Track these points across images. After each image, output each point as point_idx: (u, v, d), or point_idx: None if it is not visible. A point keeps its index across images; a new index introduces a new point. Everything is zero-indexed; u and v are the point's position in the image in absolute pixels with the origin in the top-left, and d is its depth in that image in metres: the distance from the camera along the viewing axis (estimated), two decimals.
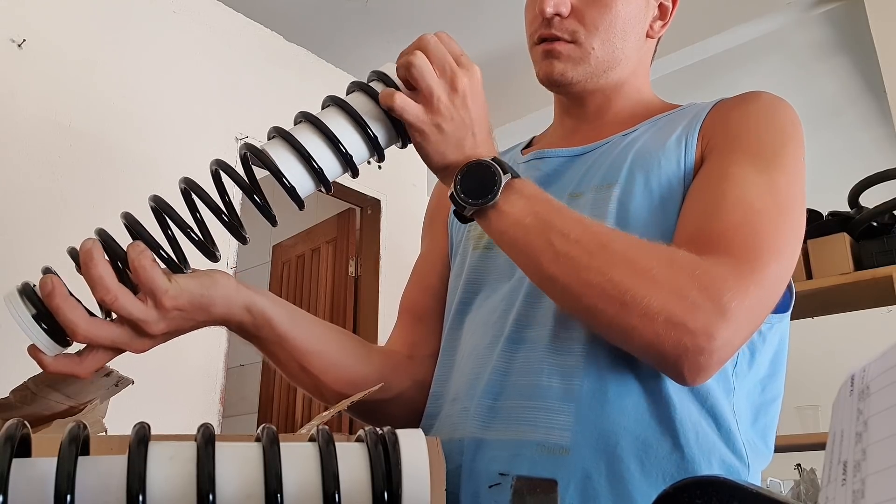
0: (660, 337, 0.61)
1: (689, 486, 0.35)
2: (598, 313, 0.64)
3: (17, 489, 0.32)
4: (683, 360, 0.62)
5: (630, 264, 0.63)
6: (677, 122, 0.81)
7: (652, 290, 0.61)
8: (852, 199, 2.23)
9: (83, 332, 0.59)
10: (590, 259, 0.63)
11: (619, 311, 0.62)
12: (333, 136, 0.63)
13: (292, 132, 0.64)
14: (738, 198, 0.68)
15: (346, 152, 0.64)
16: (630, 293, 0.62)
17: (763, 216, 0.67)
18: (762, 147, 0.73)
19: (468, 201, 0.66)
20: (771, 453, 0.76)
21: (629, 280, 0.62)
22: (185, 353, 2.56)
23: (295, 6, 3.08)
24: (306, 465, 0.36)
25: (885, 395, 0.25)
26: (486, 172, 0.66)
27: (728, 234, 0.66)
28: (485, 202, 0.66)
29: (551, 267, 0.65)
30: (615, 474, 0.67)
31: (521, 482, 0.40)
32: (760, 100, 0.78)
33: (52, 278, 0.59)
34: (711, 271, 0.63)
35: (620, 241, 0.65)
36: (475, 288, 0.84)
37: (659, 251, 0.65)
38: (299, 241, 3.87)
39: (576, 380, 0.70)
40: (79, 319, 0.59)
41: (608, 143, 0.84)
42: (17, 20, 2.37)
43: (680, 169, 0.76)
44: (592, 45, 0.82)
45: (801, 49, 3.48)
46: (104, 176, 2.47)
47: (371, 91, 0.66)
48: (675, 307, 0.61)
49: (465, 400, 0.77)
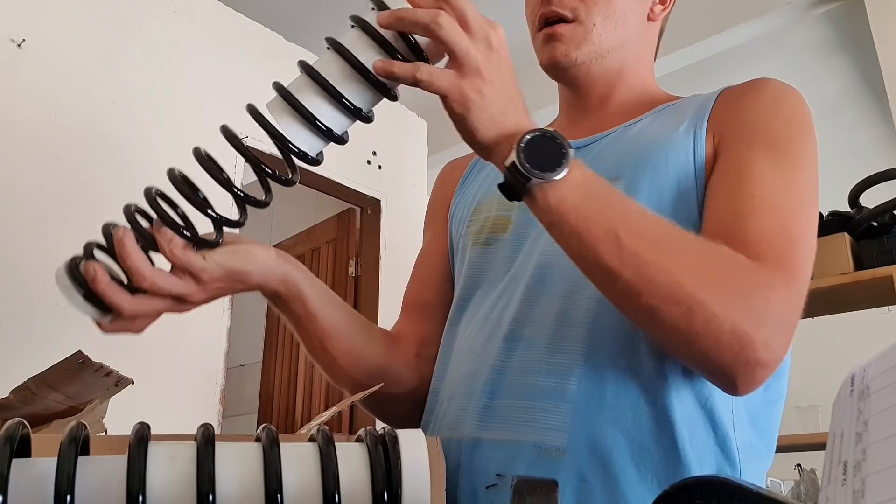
0: (721, 346, 0.60)
1: (689, 487, 0.35)
2: (659, 314, 0.61)
3: (17, 489, 0.32)
4: (741, 371, 0.61)
5: (697, 266, 0.60)
6: (683, 113, 0.80)
7: (718, 297, 0.60)
8: (852, 199, 2.23)
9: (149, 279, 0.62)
10: (656, 256, 0.60)
11: (684, 315, 0.60)
12: (338, 94, 0.59)
13: (296, 93, 0.60)
14: (765, 197, 0.67)
15: (353, 107, 0.60)
16: (696, 298, 0.59)
17: (791, 217, 0.67)
18: (777, 140, 0.72)
19: (534, 173, 0.59)
20: (772, 454, 0.75)
21: (696, 284, 0.59)
22: (185, 353, 2.56)
23: (295, 6, 3.08)
24: (306, 465, 0.36)
25: (885, 395, 0.25)
26: (551, 144, 0.60)
27: (765, 239, 0.65)
28: (552, 175, 0.59)
29: (613, 259, 0.60)
30: (610, 476, 0.66)
31: (522, 482, 0.40)
32: (769, 88, 0.76)
33: (122, 229, 0.61)
34: (769, 281, 0.62)
35: (685, 238, 0.63)
36: (473, 283, 0.84)
37: (722, 254, 0.62)
38: (299, 241, 3.87)
39: (573, 380, 0.69)
40: (144, 270, 0.62)
41: (611, 134, 0.82)
42: (17, 20, 2.37)
43: (690, 164, 0.74)
44: (594, 22, 0.81)
45: (801, 49, 3.48)
46: (104, 176, 2.47)
47: (374, 34, 0.59)
48: (740, 318, 0.59)
49: (463, 398, 0.76)
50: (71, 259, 0.62)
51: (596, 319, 0.71)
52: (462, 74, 0.59)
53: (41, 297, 2.25)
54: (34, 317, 2.21)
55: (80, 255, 0.62)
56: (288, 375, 3.67)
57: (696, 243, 0.63)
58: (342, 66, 0.59)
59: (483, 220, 0.86)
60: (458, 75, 0.59)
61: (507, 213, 0.83)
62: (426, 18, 0.57)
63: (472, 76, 0.59)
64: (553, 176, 0.59)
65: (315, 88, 0.60)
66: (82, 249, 0.63)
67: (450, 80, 0.59)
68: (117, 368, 0.78)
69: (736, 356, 0.60)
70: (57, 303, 2.54)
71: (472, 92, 0.59)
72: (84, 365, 0.76)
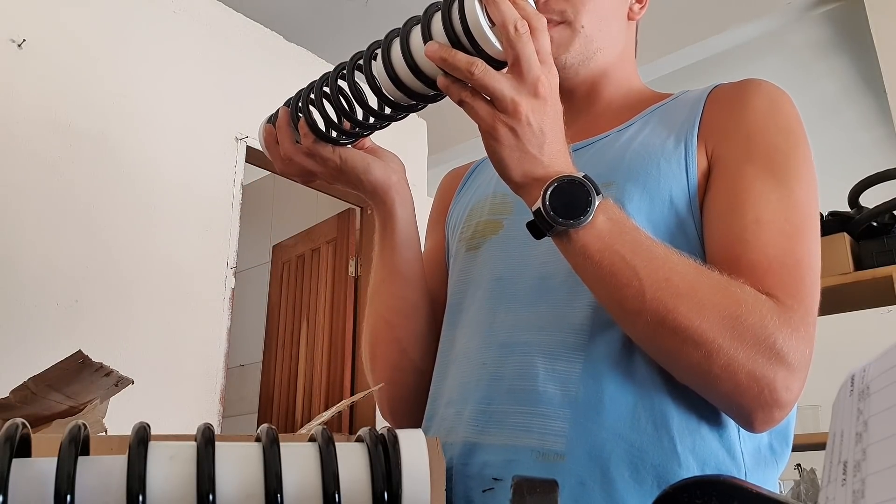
0: (740, 388, 0.62)
1: (689, 486, 0.35)
2: (679, 356, 0.63)
3: (17, 489, 0.32)
4: (760, 412, 0.63)
5: (717, 311, 0.62)
6: (674, 117, 0.79)
7: (738, 342, 0.61)
8: (852, 199, 2.23)
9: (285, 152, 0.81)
10: (677, 302, 0.61)
11: (704, 359, 0.62)
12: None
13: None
14: (769, 223, 0.68)
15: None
16: (716, 343, 0.61)
17: (797, 240, 0.68)
18: (775, 154, 0.72)
19: (558, 220, 0.61)
20: (784, 459, 0.74)
21: (717, 329, 0.61)
22: (185, 353, 2.56)
23: (295, 6, 3.08)
24: (306, 465, 0.36)
25: (885, 395, 0.25)
26: (579, 189, 0.61)
27: (774, 270, 0.66)
28: (577, 223, 0.61)
29: (636, 303, 0.62)
30: (609, 481, 0.66)
31: (521, 482, 0.40)
32: (761, 92, 0.76)
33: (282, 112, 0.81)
34: (787, 322, 0.63)
35: (706, 281, 0.64)
36: (465, 288, 0.84)
37: (741, 297, 0.63)
38: (299, 241, 3.87)
39: (572, 386, 0.69)
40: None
41: (604, 138, 0.82)
42: (17, 20, 2.37)
43: (682, 175, 0.74)
44: (582, 23, 0.81)
45: (801, 49, 3.48)
46: (104, 176, 2.47)
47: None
48: (760, 362, 0.61)
49: (459, 403, 0.76)
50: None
51: (594, 326, 0.71)
52: (499, 110, 0.60)
53: (41, 296, 2.25)
54: (34, 317, 2.21)
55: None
56: (288, 375, 3.67)
57: (716, 286, 0.64)
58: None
59: (475, 224, 0.86)
60: (495, 111, 0.60)
61: (497, 217, 0.84)
62: (462, 65, 0.59)
63: (509, 115, 0.60)
64: (578, 223, 0.61)
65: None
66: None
67: (486, 112, 0.60)
68: (117, 368, 0.78)
69: (755, 398, 0.62)
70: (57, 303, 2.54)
71: (504, 129, 0.61)
72: (84, 365, 0.75)
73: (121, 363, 0.82)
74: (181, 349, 2.54)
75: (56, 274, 2.29)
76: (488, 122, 0.61)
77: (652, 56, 3.10)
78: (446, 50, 0.60)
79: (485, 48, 0.60)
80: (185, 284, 2.61)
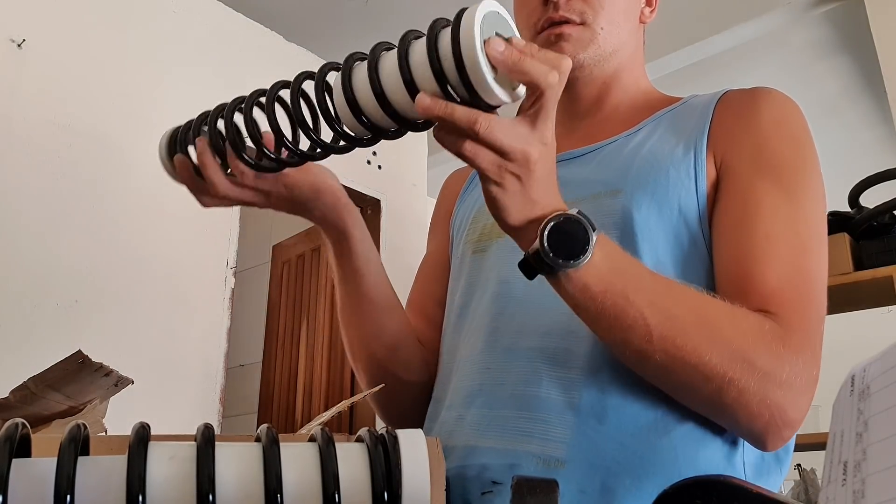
0: (752, 415, 0.63)
1: (690, 486, 0.35)
2: (691, 390, 0.64)
3: (17, 489, 0.32)
4: (772, 434, 0.64)
5: (725, 342, 0.62)
6: (683, 123, 0.79)
7: (748, 372, 0.61)
8: (852, 199, 2.23)
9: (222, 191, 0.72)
10: (685, 338, 0.61)
11: (715, 392, 0.62)
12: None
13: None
14: (779, 239, 0.68)
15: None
16: (727, 375, 0.61)
17: (806, 258, 0.69)
18: (785, 168, 0.72)
19: (558, 262, 0.58)
20: (785, 469, 0.75)
21: (726, 363, 0.61)
22: (184, 353, 2.56)
23: (295, 6, 3.08)
24: (306, 465, 0.36)
25: (885, 395, 0.25)
26: (576, 227, 0.59)
27: (783, 289, 0.66)
28: (576, 263, 0.58)
29: (643, 344, 0.61)
30: (609, 489, 0.66)
31: (521, 482, 0.40)
32: (771, 102, 0.75)
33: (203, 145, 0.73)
34: (793, 347, 0.63)
35: (710, 311, 0.64)
36: (471, 291, 0.83)
37: (746, 324, 0.63)
38: (299, 240, 3.87)
39: (575, 392, 0.69)
40: (219, 182, 0.72)
41: (613, 143, 0.81)
42: (17, 20, 2.37)
43: (692, 184, 0.73)
44: (601, 25, 0.81)
45: (801, 49, 3.48)
46: (104, 176, 2.47)
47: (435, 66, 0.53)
48: (770, 389, 0.62)
49: (461, 408, 0.76)
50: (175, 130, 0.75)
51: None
52: (506, 160, 0.56)
53: (41, 296, 2.25)
54: (34, 317, 2.21)
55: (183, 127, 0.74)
56: (288, 375, 3.67)
57: (722, 318, 0.64)
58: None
59: (481, 227, 0.86)
60: (502, 160, 0.56)
61: None
62: (463, 123, 0.54)
63: (517, 165, 0.56)
64: (578, 264, 0.58)
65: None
66: (180, 131, 0.75)
67: (491, 163, 0.56)
68: (117, 368, 0.78)
69: (766, 423, 0.63)
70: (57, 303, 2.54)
71: (511, 178, 0.57)
72: (84, 365, 0.75)
73: (121, 363, 0.82)
74: (181, 349, 2.54)
75: (56, 274, 2.29)
76: (493, 171, 0.57)
77: (653, 56, 3.09)
78: (443, 106, 0.53)
79: (485, 99, 0.54)
80: (186, 284, 2.61)
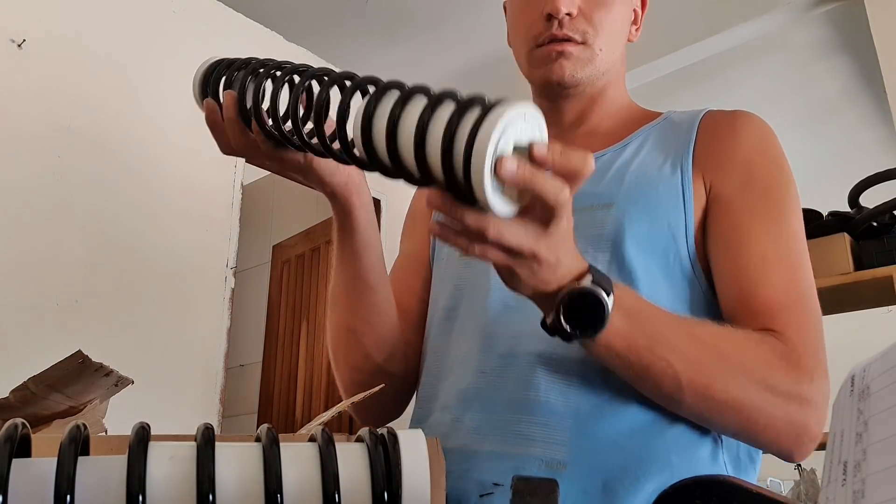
0: (781, 435, 0.67)
1: (689, 486, 0.35)
2: (721, 422, 0.68)
3: (17, 489, 0.32)
4: (798, 449, 0.68)
5: (749, 376, 0.66)
6: (667, 141, 0.82)
7: (772, 399, 0.66)
8: (852, 199, 2.23)
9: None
10: (712, 379, 0.65)
11: (745, 421, 0.67)
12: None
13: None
14: (775, 260, 0.73)
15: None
16: (755, 405, 0.66)
17: (799, 274, 0.73)
18: (771, 191, 0.77)
19: (577, 334, 0.60)
20: (757, 467, 0.78)
21: (752, 394, 0.66)
22: (185, 353, 2.56)
23: (295, 6, 3.08)
24: (306, 465, 0.36)
25: (885, 395, 0.25)
26: (591, 300, 0.59)
27: (783, 307, 0.71)
28: (595, 333, 0.60)
29: (674, 391, 0.66)
30: (610, 490, 0.67)
31: (521, 482, 0.40)
32: (753, 126, 0.80)
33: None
34: (807, 367, 0.68)
35: (728, 345, 0.67)
36: (460, 294, 0.84)
37: (761, 353, 0.67)
38: (299, 241, 3.87)
39: (573, 396, 0.71)
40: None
41: (603, 156, 0.83)
42: (17, 20, 2.37)
43: (679, 201, 0.77)
44: (600, 47, 0.83)
45: (801, 49, 3.47)
46: (104, 176, 2.47)
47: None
48: (793, 410, 0.66)
49: (457, 410, 0.76)
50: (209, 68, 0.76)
51: None
52: (516, 257, 0.55)
53: (41, 296, 2.25)
54: (34, 317, 2.21)
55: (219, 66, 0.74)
56: (288, 375, 3.67)
57: (738, 347, 0.68)
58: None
59: None
60: (511, 257, 0.55)
61: None
62: (472, 227, 0.51)
63: (527, 259, 0.55)
64: (595, 333, 0.61)
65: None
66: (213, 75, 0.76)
67: (500, 258, 0.54)
68: (117, 368, 0.78)
69: (793, 440, 0.68)
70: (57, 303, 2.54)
71: (522, 269, 0.56)
72: (84, 365, 0.75)
73: (121, 363, 0.82)
74: (181, 349, 2.54)
75: (56, 274, 2.29)
76: (503, 265, 0.56)
77: (652, 56, 3.10)
78: (452, 207, 0.51)
79: (487, 210, 0.50)
80: (185, 284, 2.61)
